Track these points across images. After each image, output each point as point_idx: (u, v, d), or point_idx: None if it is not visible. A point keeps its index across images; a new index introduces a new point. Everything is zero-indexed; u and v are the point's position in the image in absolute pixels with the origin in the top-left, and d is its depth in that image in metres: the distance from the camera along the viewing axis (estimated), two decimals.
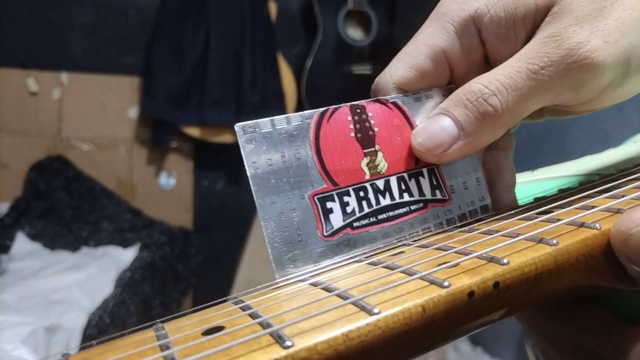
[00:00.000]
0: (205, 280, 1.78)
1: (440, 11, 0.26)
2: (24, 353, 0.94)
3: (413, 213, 0.25)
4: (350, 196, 0.23)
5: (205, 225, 1.89)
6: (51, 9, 1.70)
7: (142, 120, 1.79)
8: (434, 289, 0.17)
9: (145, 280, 1.37)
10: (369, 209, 0.24)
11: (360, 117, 0.25)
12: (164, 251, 1.54)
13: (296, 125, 0.23)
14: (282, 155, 0.22)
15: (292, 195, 0.22)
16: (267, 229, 0.22)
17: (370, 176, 0.24)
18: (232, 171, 1.97)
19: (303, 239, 0.22)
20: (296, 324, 0.16)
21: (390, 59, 0.27)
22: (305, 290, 0.19)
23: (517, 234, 0.21)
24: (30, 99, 1.68)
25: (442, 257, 0.20)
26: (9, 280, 1.27)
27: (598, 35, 0.23)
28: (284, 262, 0.22)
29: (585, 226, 0.21)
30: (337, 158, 0.24)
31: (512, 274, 0.18)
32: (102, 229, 1.62)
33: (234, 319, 0.17)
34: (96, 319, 1.14)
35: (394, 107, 0.26)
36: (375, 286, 0.18)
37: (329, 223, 0.23)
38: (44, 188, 1.62)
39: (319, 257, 0.22)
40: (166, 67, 1.69)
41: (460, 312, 0.17)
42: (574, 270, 0.20)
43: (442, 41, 0.26)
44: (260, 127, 0.22)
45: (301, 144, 0.23)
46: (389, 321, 0.16)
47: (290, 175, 0.22)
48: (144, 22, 1.78)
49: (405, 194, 0.25)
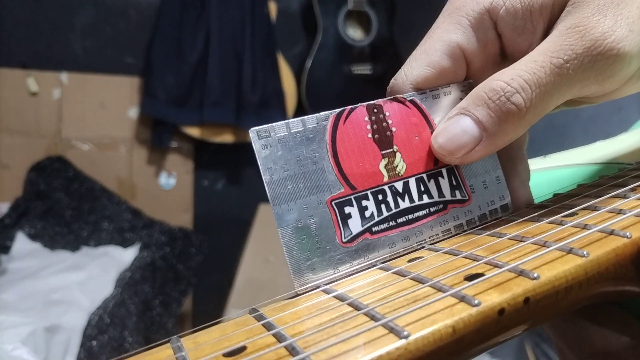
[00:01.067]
0: (205, 280, 1.78)
1: (453, 6, 0.25)
2: (24, 353, 0.94)
3: (433, 215, 0.24)
4: (369, 200, 0.23)
5: (205, 225, 1.89)
6: (51, 9, 1.70)
7: (142, 120, 1.79)
8: (464, 307, 0.16)
9: (146, 280, 1.37)
10: (388, 212, 0.23)
11: (378, 117, 0.24)
12: (164, 251, 1.53)
13: (312, 127, 0.22)
14: (299, 159, 0.22)
15: (309, 201, 0.22)
16: (285, 237, 0.21)
17: (388, 178, 0.23)
18: (232, 171, 1.97)
19: (321, 246, 0.21)
20: (325, 349, 0.15)
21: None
22: (329, 305, 0.19)
23: (545, 242, 0.20)
24: (31, 99, 1.68)
25: (469, 269, 0.19)
26: (9, 280, 1.27)
27: (622, 23, 0.22)
28: (303, 271, 0.21)
29: (615, 234, 0.20)
30: (355, 161, 0.23)
31: (543, 288, 0.18)
32: (102, 229, 1.62)
33: (257, 340, 0.17)
34: (96, 319, 1.14)
35: (412, 106, 0.25)
36: (402, 302, 0.17)
37: (347, 229, 0.22)
38: (44, 188, 1.62)
39: (337, 263, 0.22)
40: (166, 67, 1.69)
41: (491, 329, 0.17)
42: (603, 279, 0.19)
43: (457, 36, 0.25)
44: (275, 131, 0.22)
45: (317, 147, 0.22)
46: (419, 344, 0.15)
47: (307, 180, 0.22)
48: (144, 22, 1.78)
49: (425, 195, 0.24)
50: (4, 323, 1.01)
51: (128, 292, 1.27)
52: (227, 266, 1.78)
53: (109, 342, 1.13)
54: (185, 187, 1.87)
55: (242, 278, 1.76)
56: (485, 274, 0.18)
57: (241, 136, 1.80)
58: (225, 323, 0.19)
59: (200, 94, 1.71)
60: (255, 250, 1.82)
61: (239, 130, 1.79)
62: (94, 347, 1.10)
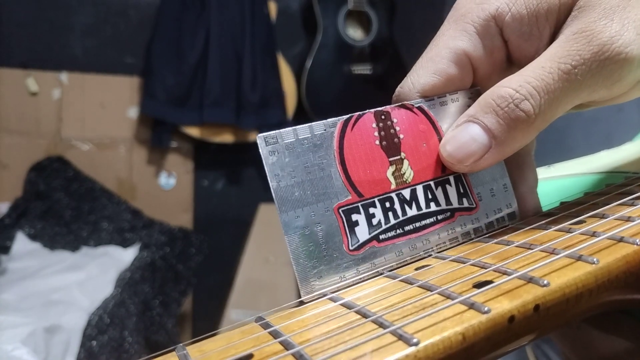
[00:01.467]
0: (205, 280, 1.78)
1: (459, 12, 0.25)
2: (23, 353, 0.94)
3: (440, 223, 0.24)
4: (376, 207, 0.23)
5: (205, 225, 1.89)
6: (51, 9, 1.70)
7: (142, 120, 1.79)
8: (474, 314, 0.16)
9: (145, 280, 1.37)
10: (395, 220, 0.23)
11: (385, 124, 0.24)
12: (164, 251, 1.53)
13: (319, 134, 0.22)
14: (306, 166, 0.22)
15: (316, 208, 0.22)
16: (292, 245, 0.21)
17: (396, 186, 0.23)
18: (232, 171, 1.97)
19: (328, 254, 0.21)
20: (334, 357, 0.15)
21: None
22: (337, 313, 0.19)
23: (554, 249, 0.20)
24: (30, 99, 1.68)
25: (478, 276, 0.19)
26: (8, 280, 1.27)
27: (630, 27, 0.22)
28: (309, 278, 0.21)
29: (624, 241, 0.20)
30: (362, 168, 0.23)
31: (553, 295, 0.17)
32: (101, 229, 1.62)
33: (264, 348, 0.16)
34: (96, 319, 1.14)
35: (420, 113, 0.25)
36: (410, 310, 0.17)
37: (354, 236, 0.22)
38: (44, 188, 1.62)
39: (344, 271, 0.22)
40: (166, 67, 1.69)
41: (501, 337, 0.17)
42: (612, 287, 0.19)
43: (464, 43, 0.25)
44: (282, 137, 0.22)
45: (325, 154, 0.22)
46: (428, 351, 0.15)
47: (314, 187, 0.22)
48: (143, 22, 1.78)
49: (432, 203, 0.24)
50: (4, 323, 1.01)
51: (128, 292, 1.27)
52: (227, 266, 1.78)
53: (109, 342, 1.13)
54: (185, 187, 1.87)
55: (242, 278, 1.76)
56: (494, 281, 0.18)
57: (241, 136, 1.80)
58: (232, 331, 0.18)
59: (200, 94, 1.71)
60: (255, 250, 1.82)
61: (238, 130, 1.78)
62: (93, 347, 1.10)
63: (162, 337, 1.35)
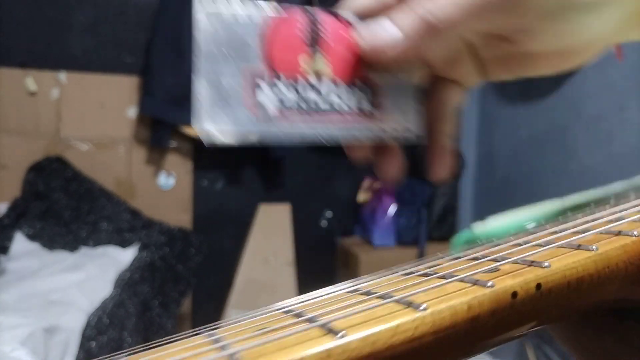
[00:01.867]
0: (205, 281, 1.77)
1: None
2: (22, 355, 0.94)
3: (343, 115, 0.25)
4: (282, 82, 0.24)
5: (204, 226, 1.89)
6: (50, 8, 1.70)
7: (141, 120, 1.78)
8: (478, 288, 0.17)
9: (145, 280, 1.37)
10: (297, 98, 0.24)
11: (311, 20, 0.25)
12: (163, 251, 1.53)
13: (249, 13, 0.24)
14: (235, 19, 0.23)
15: (231, 66, 0.23)
16: (198, 86, 0.23)
17: (306, 72, 0.25)
18: (231, 171, 1.96)
19: (230, 104, 0.23)
20: (346, 317, 0.16)
21: None
22: (347, 295, 0.19)
23: (549, 243, 0.21)
24: (29, 98, 1.68)
25: (479, 263, 0.20)
26: (7, 281, 1.27)
27: None
28: (211, 115, 0.23)
29: (622, 234, 0.21)
30: (278, 47, 0.24)
31: (554, 276, 0.18)
32: (101, 229, 1.61)
33: (279, 319, 0.17)
34: (95, 320, 1.14)
35: (347, 24, 0.26)
36: (417, 287, 0.18)
37: (258, 100, 0.24)
38: (43, 188, 1.61)
39: (241, 124, 0.23)
40: (165, 67, 1.69)
41: (505, 313, 0.17)
42: (614, 277, 0.19)
43: None
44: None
45: (250, 22, 0.24)
46: (436, 317, 0.16)
47: (232, 45, 0.23)
48: (143, 22, 1.77)
49: (337, 97, 0.25)
50: (3, 324, 1.01)
51: (127, 292, 1.27)
52: (227, 266, 1.78)
53: (108, 343, 1.12)
54: (184, 187, 1.87)
55: (241, 278, 1.76)
56: (496, 264, 0.19)
57: None
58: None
59: None
60: (255, 250, 1.81)
61: None
62: (92, 348, 1.09)
63: (162, 338, 1.35)
